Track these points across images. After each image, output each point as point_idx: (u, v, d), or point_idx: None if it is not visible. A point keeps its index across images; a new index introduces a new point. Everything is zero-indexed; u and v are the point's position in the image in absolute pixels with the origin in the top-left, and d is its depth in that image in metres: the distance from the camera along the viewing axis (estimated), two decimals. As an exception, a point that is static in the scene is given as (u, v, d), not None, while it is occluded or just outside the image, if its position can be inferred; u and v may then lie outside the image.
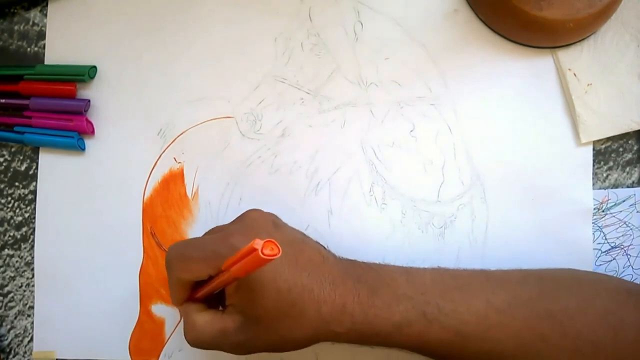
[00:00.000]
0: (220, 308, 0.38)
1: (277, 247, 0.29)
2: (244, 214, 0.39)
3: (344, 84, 0.44)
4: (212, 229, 0.40)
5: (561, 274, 0.39)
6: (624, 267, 0.44)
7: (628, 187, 0.44)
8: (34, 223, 0.46)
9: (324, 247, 0.39)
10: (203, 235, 0.39)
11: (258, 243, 0.29)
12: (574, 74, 0.43)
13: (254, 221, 0.37)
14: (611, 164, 0.44)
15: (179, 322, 0.45)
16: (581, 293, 0.37)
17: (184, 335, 0.37)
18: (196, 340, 0.36)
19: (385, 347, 0.37)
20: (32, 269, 0.46)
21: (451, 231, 0.43)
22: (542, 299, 0.36)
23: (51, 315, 0.46)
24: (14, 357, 0.46)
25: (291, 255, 0.36)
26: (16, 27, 0.46)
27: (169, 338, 0.45)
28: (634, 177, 0.44)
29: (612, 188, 0.44)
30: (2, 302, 0.46)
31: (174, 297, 0.38)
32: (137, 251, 0.45)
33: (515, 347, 0.35)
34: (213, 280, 0.36)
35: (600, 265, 0.43)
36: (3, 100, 0.45)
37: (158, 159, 0.45)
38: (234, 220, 0.39)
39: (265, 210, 0.39)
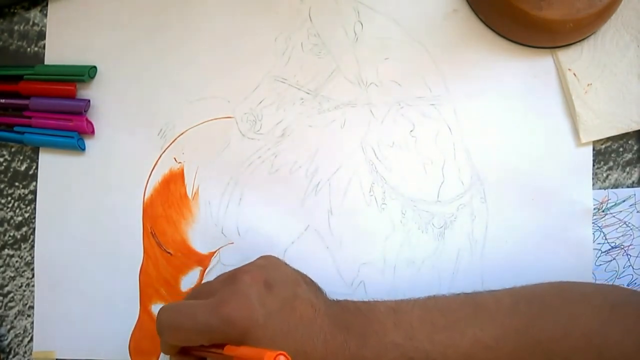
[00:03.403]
0: None
1: None
2: (235, 274, 0.37)
3: (344, 84, 0.44)
4: (202, 286, 0.40)
5: (549, 294, 0.38)
6: (624, 267, 0.44)
7: (628, 187, 0.44)
8: (34, 223, 0.46)
9: (316, 289, 0.38)
10: (193, 299, 0.38)
11: (270, 356, 0.29)
12: (574, 74, 0.43)
13: (247, 287, 0.35)
14: (611, 164, 0.44)
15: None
16: (568, 315, 0.37)
17: None
18: None
19: None
20: (32, 269, 0.46)
21: (451, 231, 0.43)
22: (530, 328, 0.36)
23: (51, 315, 0.46)
24: (14, 357, 0.46)
25: (284, 320, 0.35)
26: (16, 27, 0.46)
27: (169, 338, 0.45)
28: (634, 177, 0.44)
29: (612, 188, 0.44)
30: (2, 302, 0.46)
31: (164, 351, 0.39)
32: (137, 251, 0.45)
33: None
34: (208, 348, 0.36)
35: (600, 265, 0.43)
36: (3, 100, 0.45)
37: (158, 159, 0.45)
38: (224, 280, 0.38)
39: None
